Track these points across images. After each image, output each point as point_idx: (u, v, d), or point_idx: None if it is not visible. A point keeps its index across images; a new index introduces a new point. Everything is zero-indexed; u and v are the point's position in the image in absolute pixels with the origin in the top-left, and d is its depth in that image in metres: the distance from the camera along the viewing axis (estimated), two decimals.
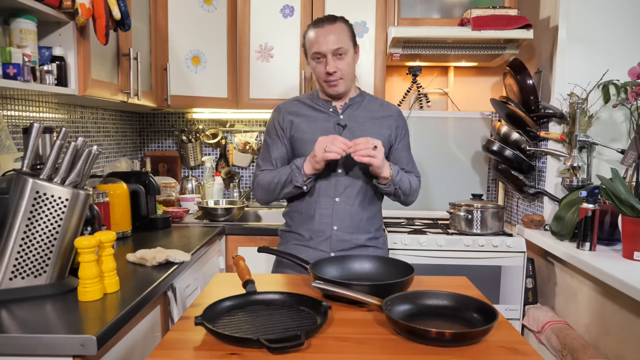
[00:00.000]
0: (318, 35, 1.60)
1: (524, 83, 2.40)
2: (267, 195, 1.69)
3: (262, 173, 1.70)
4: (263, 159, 1.73)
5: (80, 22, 1.62)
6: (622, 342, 1.66)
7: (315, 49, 1.60)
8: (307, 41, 1.65)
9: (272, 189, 1.65)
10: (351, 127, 1.67)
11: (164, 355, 0.94)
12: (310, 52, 1.63)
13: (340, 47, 1.59)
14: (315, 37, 1.61)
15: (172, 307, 1.58)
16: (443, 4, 2.58)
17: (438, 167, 2.87)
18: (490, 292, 2.29)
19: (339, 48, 1.59)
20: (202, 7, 2.54)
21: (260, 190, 1.69)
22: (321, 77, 1.64)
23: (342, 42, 1.60)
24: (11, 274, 1.25)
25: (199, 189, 2.91)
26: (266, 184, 1.66)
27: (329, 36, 1.59)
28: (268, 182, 1.65)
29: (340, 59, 1.61)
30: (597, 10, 2.21)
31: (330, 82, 1.63)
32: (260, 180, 1.69)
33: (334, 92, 1.66)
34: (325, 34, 1.59)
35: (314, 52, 1.61)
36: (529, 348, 0.98)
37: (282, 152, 1.70)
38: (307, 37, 1.65)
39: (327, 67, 1.60)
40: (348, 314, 1.15)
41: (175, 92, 2.50)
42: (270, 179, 1.65)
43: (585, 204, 1.93)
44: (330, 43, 1.58)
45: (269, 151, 1.72)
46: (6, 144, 1.69)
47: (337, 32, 1.60)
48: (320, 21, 1.62)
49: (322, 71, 1.62)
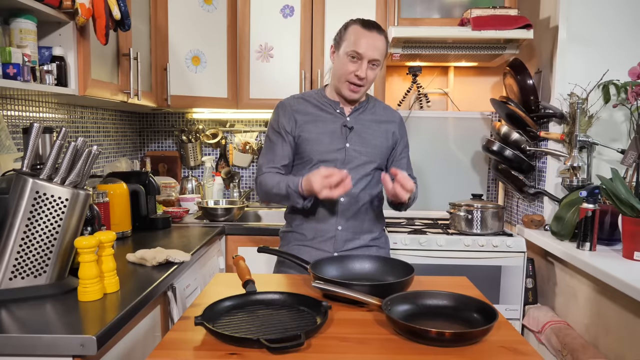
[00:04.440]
0: (365, 37, 1.58)
1: (524, 83, 2.40)
2: (269, 199, 1.69)
3: (266, 175, 1.66)
4: (267, 158, 1.69)
5: (80, 22, 1.62)
6: (622, 342, 1.65)
7: (355, 48, 1.57)
8: (348, 36, 1.61)
9: (273, 195, 1.64)
10: (357, 130, 1.67)
11: (164, 355, 0.94)
12: (349, 48, 1.59)
13: (378, 58, 1.59)
14: (361, 37, 1.58)
15: (172, 307, 1.58)
16: (443, 4, 2.58)
17: (438, 167, 2.87)
18: (490, 292, 2.29)
19: (377, 60, 1.59)
20: (202, 7, 2.54)
21: (262, 192, 1.68)
22: (347, 76, 1.61)
23: (381, 55, 1.60)
24: (11, 274, 1.25)
25: (199, 189, 2.91)
26: (268, 190, 1.64)
27: (374, 43, 1.58)
28: (270, 188, 1.63)
29: (372, 69, 1.60)
30: (597, 10, 2.21)
31: (353, 86, 1.62)
32: (263, 183, 1.66)
33: (350, 96, 1.64)
34: (372, 39, 1.58)
35: (353, 49, 1.58)
36: (529, 348, 0.98)
37: (287, 151, 1.68)
38: (349, 32, 1.61)
39: (359, 71, 1.58)
40: (348, 314, 1.15)
41: (175, 92, 2.50)
42: (272, 187, 1.62)
43: (586, 204, 1.93)
44: (373, 50, 1.58)
45: (273, 150, 1.68)
46: (6, 144, 1.69)
47: (381, 42, 1.60)
48: (369, 24, 1.60)
49: (351, 71, 1.59)
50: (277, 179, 1.62)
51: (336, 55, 1.65)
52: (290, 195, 1.57)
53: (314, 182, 1.44)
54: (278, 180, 1.61)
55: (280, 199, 1.63)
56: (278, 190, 1.60)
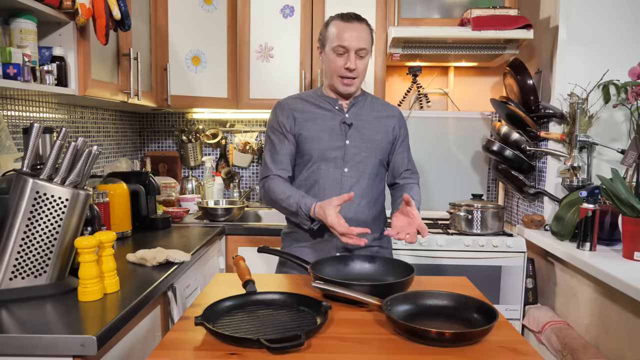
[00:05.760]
0: (345, 30, 1.58)
1: (524, 83, 2.40)
2: (274, 207, 1.67)
3: (275, 181, 1.63)
4: (272, 159, 1.66)
5: (80, 22, 1.62)
6: (622, 342, 1.65)
7: (339, 43, 1.58)
8: (330, 33, 1.61)
9: (281, 208, 1.62)
10: (357, 126, 1.66)
11: (164, 355, 0.94)
12: (333, 44, 1.59)
13: (364, 47, 1.59)
14: (342, 31, 1.58)
15: (172, 307, 1.58)
16: (443, 4, 2.58)
17: (438, 167, 2.87)
18: (490, 292, 2.29)
19: (363, 48, 1.59)
20: (202, 7, 2.54)
21: (269, 199, 1.65)
22: (338, 71, 1.61)
23: (366, 43, 1.60)
24: (11, 274, 1.25)
25: (199, 189, 2.91)
26: (276, 200, 1.61)
27: (357, 33, 1.58)
28: (279, 199, 1.60)
29: (361, 58, 1.60)
30: (597, 10, 2.21)
31: (346, 79, 1.61)
32: (271, 190, 1.62)
33: (346, 90, 1.63)
34: (354, 30, 1.58)
35: (337, 45, 1.58)
36: (529, 348, 0.98)
37: (290, 149, 1.66)
38: (330, 29, 1.61)
39: (348, 63, 1.58)
40: (348, 314, 1.15)
41: (175, 92, 2.50)
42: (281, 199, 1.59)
43: (586, 204, 1.93)
44: (357, 41, 1.57)
45: (276, 150, 1.66)
46: (6, 144, 1.69)
47: (364, 32, 1.60)
48: (348, 17, 1.60)
49: (340, 65, 1.59)
50: (288, 192, 1.59)
51: (324, 55, 1.66)
52: (300, 216, 1.56)
53: (328, 214, 1.46)
54: (289, 194, 1.58)
55: (288, 214, 1.62)
56: (287, 205, 1.58)
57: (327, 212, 1.46)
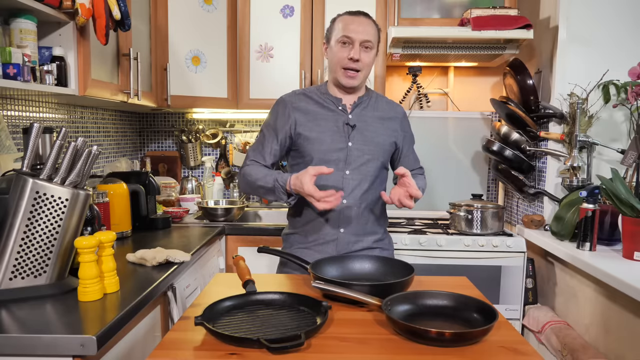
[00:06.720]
0: (352, 22, 1.59)
1: (524, 83, 2.40)
2: (251, 192, 1.65)
3: (252, 166, 1.63)
4: (255, 150, 1.67)
5: (80, 22, 1.62)
6: (622, 342, 1.65)
7: (345, 33, 1.58)
8: (336, 26, 1.62)
9: (257, 187, 1.60)
10: (360, 128, 1.64)
11: (164, 355, 0.94)
12: (338, 35, 1.60)
13: (369, 40, 1.59)
14: (348, 23, 1.59)
15: (172, 307, 1.58)
16: (443, 4, 2.58)
17: (438, 167, 2.87)
18: (490, 292, 2.29)
19: (368, 41, 1.59)
20: (202, 7, 2.54)
21: (245, 183, 1.64)
22: (342, 62, 1.60)
23: (372, 37, 1.60)
24: (11, 274, 1.25)
25: (199, 189, 2.91)
26: (252, 181, 1.60)
27: (363, 27, 1.59)
28: (255, 179, 1.59)
29: (366, 51, 1.60)
30: (597, 10, 2.21)
31: (350, 72, 1.60)
32: (247, 174, 1.62)
33: (349, 83, 1.62)
34: (360, 23, 1.59)
35: (343, 35, 1.58)
36: (529, 348, 0.98)
37: (276, 149, 1.65)
38: (337, 24, 1.62)
39: (352, 53, 1.58)
40: (348, 314, 1.15)
41: (175, 92, 2.50)
42: (257, 178, 1.58)
43: (585, 204, 1.93)
44: (362, 33, 1.58)
45: (263, 144, 1.66)
46: (6, 144, 1.69)
47: (370, 26, 1.61)
48: (355, 12, 1.62)
49: (344, 56, 1.59)
50: (265, 171, 1.59)
51: (329, 49, 1.66)
52: (276, 190, 1.54)
53: (304, 182, 1.43)
54: (265, 173, 1.58)
55: (264, 192, 1.58)
56: (264, 183, 1.56)
57: (303, 181, 1.43)
